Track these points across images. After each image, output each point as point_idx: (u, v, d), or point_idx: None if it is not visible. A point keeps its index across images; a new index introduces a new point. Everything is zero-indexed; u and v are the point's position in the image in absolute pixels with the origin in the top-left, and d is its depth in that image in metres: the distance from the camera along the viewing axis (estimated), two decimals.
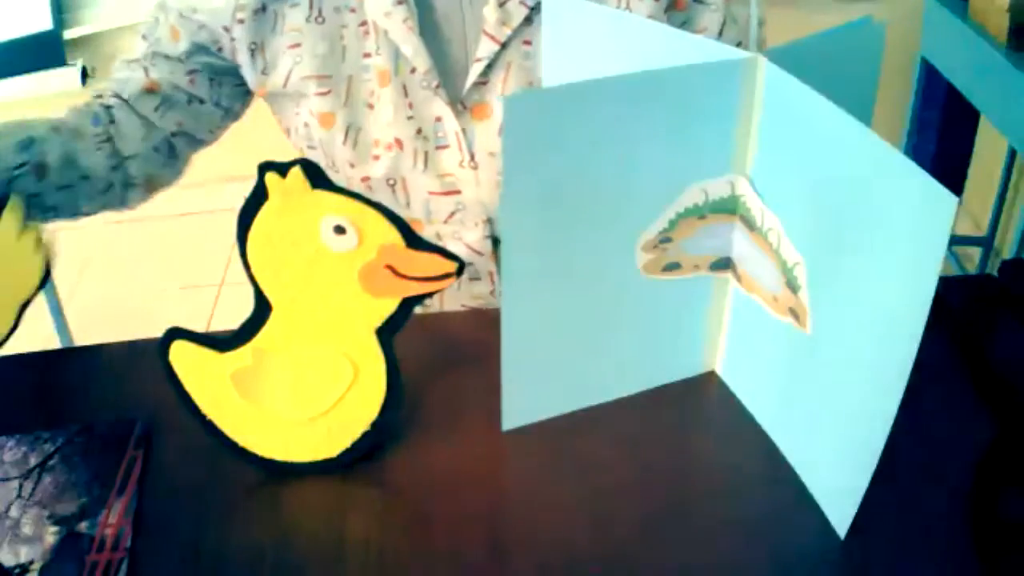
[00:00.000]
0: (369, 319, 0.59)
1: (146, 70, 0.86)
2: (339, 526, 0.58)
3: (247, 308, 0.61)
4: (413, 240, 0.57)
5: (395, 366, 0.61)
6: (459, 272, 0.58)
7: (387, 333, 0.60)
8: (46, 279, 0.66)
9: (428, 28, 0.80)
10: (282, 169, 0.55)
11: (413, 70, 0.80)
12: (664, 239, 0.63)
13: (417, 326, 0.82)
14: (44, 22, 2.31)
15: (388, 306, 0.59)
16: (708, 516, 0.60)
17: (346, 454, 0.63)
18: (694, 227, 0.63)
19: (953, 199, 0.44)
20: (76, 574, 0.56)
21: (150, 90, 0.86)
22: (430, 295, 0.59)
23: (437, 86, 0.80)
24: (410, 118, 0.81)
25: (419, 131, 0.82)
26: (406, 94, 0.81)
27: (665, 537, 0.58)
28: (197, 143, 0.92)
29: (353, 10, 0.80)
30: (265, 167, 0.55)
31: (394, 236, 0.57)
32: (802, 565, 0.57)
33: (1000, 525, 0.56)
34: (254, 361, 0.61)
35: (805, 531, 0.59)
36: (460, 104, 0.81)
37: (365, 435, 0.62)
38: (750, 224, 0.62)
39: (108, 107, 0.86)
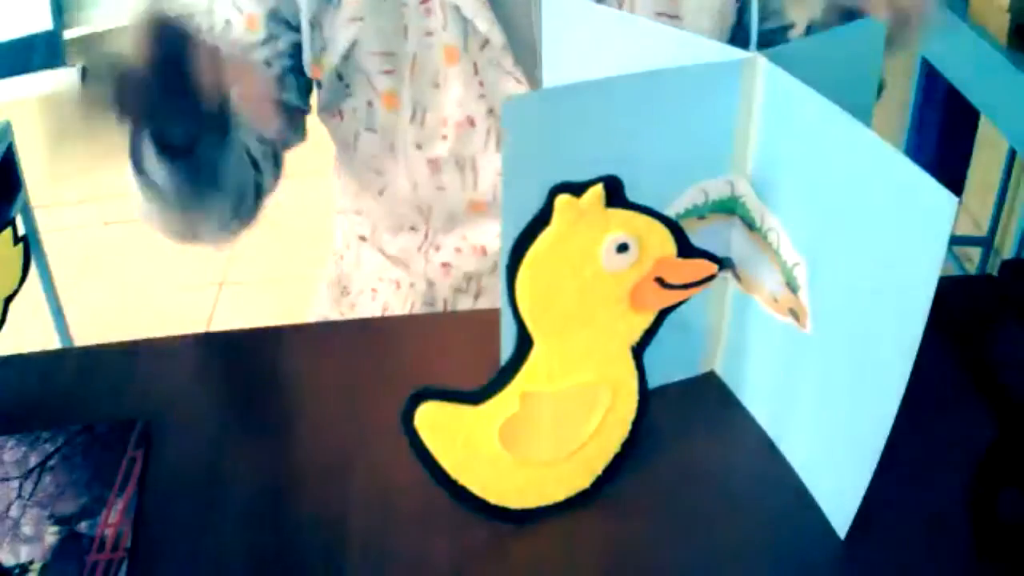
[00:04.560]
0: (630, 336, 0.56)
1: None
2: (339, 526, 0.58)
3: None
4: (685, 248, 0.54)
5: (645, 380, 0.58)
6: (720, 269, 0.55)
7: (641, 347, 0.57)
8: (26, 272, 0.66)
9: (494, 2, 0.78)
10: (575, 190, 0.50)
11: (483, 47, 0.78)
12: None
13: (417, 326, 0.82)
14: (44, 22, 2.31)
15: (646, 320, 0.56)
16: (708, 516, 0.60)
17: (599, 481, 0.60)
18: (694, 227, 0.63)
19: (953, 199, 0.44)
20: (76, 574, 0.56)
21: None
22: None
23: (513, 63, 0.78)
24: (482, 96, 0.79)
25: (491, 110, 0.80)
26: (476, 72, 0.79)
27: (664, 537, 0.58)
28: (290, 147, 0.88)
29: None
30: (556, 191, 0.50)
31: (670, 246, 0.54)
32: (802, 565, 0.57)
33: (1000, 525, 0.56)
34: (522, 406, 0.56)
35: (805, 531, 0.59)
36: (534, 81, 0.79)
37: (616, 457, 0.60)
38: (750, 224, 0.62)
39: None
